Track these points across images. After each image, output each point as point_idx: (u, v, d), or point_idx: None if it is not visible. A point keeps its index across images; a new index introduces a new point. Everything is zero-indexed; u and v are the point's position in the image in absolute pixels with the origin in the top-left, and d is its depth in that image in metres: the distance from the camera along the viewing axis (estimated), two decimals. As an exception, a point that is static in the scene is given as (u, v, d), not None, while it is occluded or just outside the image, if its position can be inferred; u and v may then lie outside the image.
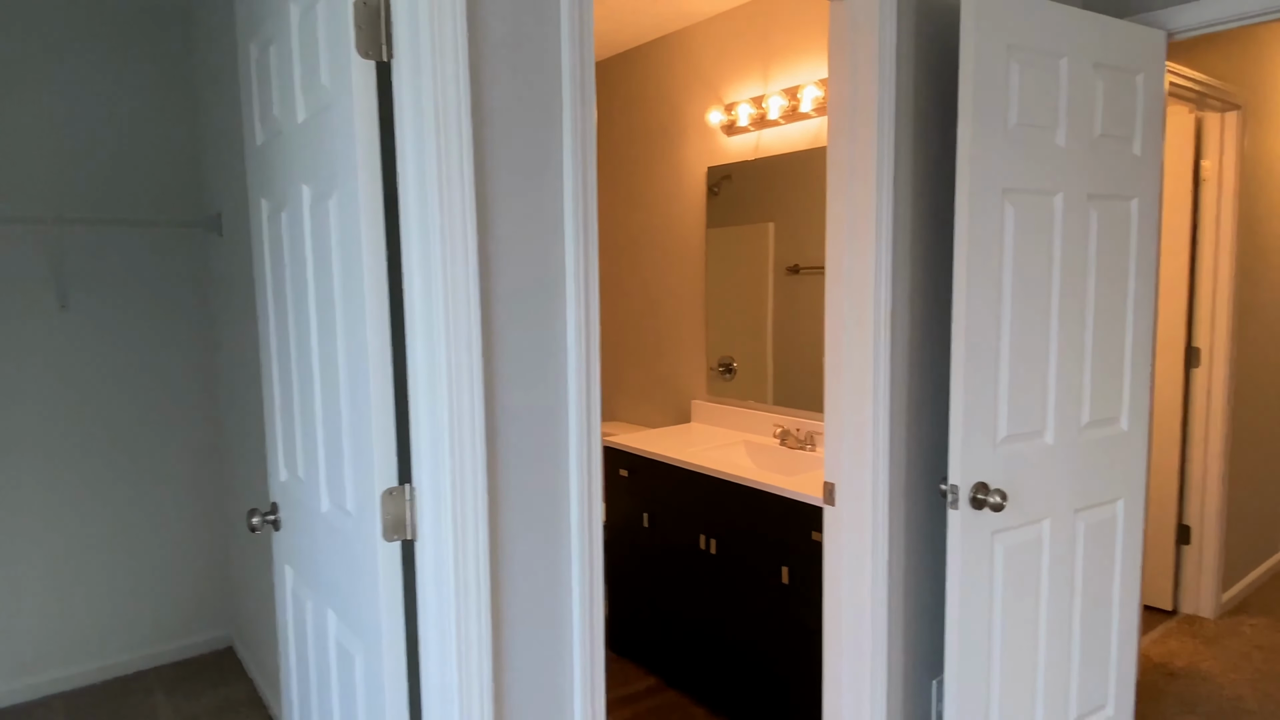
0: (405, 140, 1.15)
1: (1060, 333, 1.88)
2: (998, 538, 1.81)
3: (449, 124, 1.13)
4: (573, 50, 1.25)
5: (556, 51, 1.26)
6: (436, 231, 1.13)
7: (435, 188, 1.13)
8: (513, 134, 1.24)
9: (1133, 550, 2.11)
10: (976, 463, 1.75)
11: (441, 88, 1.12)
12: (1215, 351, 3.18)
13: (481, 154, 1.21)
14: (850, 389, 1.81)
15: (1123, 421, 2.06)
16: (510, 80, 1.23)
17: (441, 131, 1.13)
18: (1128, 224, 2.01)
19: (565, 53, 1.26)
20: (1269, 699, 2.58)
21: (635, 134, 3.41)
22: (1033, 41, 1.74)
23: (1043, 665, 1.94)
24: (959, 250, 1.69)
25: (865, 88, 1.74)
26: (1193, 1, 1.98)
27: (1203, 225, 3.17)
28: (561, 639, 1.33)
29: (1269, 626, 3.11)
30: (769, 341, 2.88)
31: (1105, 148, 1.92)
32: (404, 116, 1.15)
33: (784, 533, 2.22)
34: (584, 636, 1.32)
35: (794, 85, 2.71)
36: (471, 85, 1.19)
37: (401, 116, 1.15)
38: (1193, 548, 3.25)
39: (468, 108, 1.14)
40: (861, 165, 1.76)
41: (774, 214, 2.83)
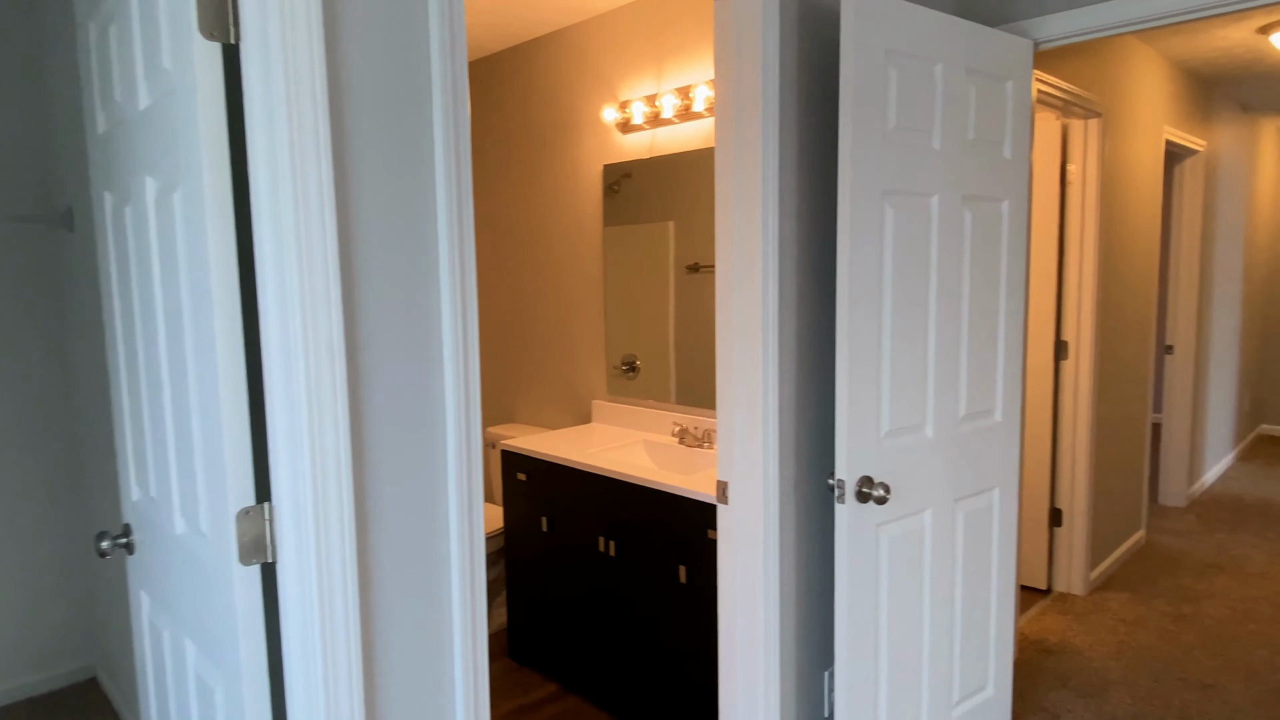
0: (255, 130, 1.06)
1: (938, 329, 1.94)
2: (882, 529, 1.86)
3: (304, 112, 1.05)
4: (442, 29, 1.19)
5: (424, 32, 1.19)
6: (292, 228, 1.05)
7: (290, 182, 1.04)
8: (377, 123, 1.17)
9: (1008, 536, 2.22)
10: (861, 457, 1.79)
11: (295, 73, 1.04)
12: (1081, 345, 3.39)
13: (342, 145, 1.13)
14: (741, 387, 1.82)
15: (997, 414, 2.16)
16: (373, 64, 1.16)
17: (296, 120, 1.05)
18: (999, 224, 2.10)
19: (434, 34, 1.19)
20: (1132, 669, 2.77)
21: (531, 130, 3.35)
22: (909, 47, 1.79)
23: (927, 652, 2.00)
24: (842, 250, 1.72)
25: (749, 89, 1.75)
26: (1057, 13, 2.08)
27: (1069, 226, 3.38)
28: (442, 662, 1.27)
29: (1131, 601, 3.35)
30: (670, 340, 2.88)
31: (978, 151, 2.00)
32: (254, 104, 1.06)
33: (681, 532, 2.21)
34: (466, 658, 1.27)
35: (687, 84, 2.71)
36: (329, 70, 1.11)
37: (251, 104, 1.06)
38: (1064, 530, 3.46)
39: (324, 94, 1.06)
40: (748, 166, 1.76)
41: (673, 213, 2.83)
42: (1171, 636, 3.01)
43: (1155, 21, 1.97)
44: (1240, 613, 3.21)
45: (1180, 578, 3.58)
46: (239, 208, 1.12)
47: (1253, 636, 3.00)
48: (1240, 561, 3.76)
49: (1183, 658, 2.84)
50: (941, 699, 2.06)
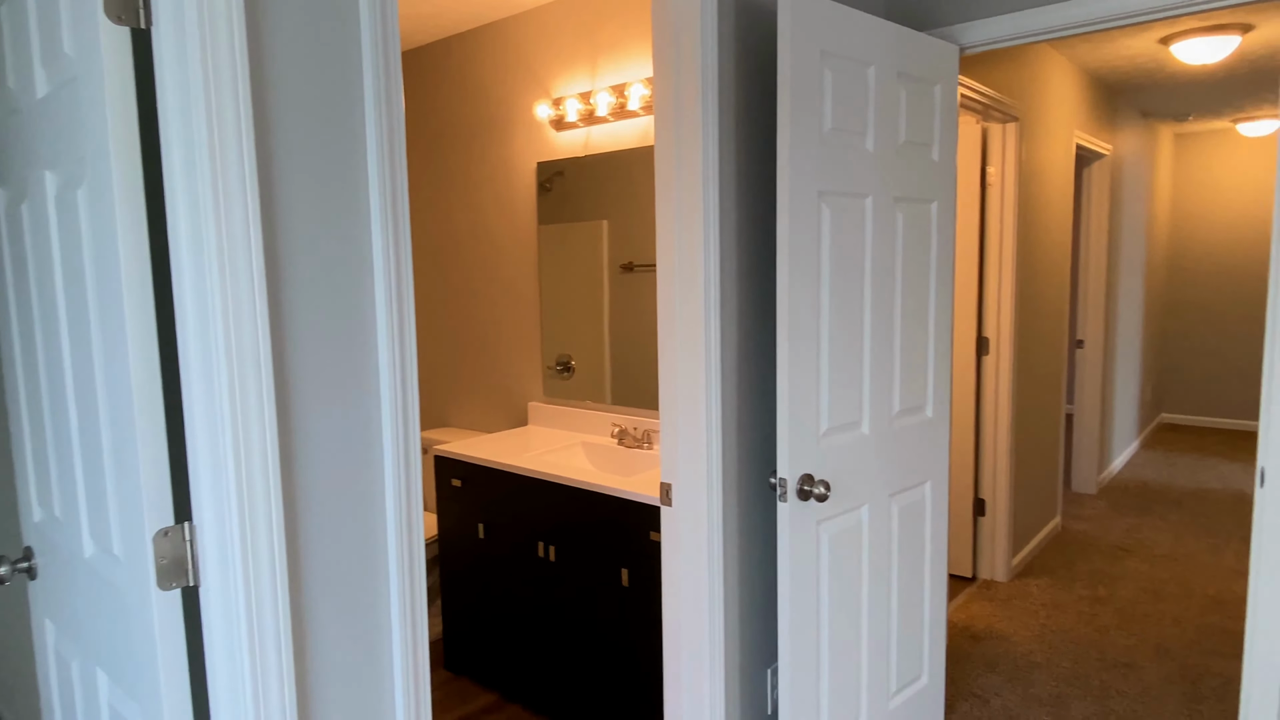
0: (170, 123, 0.98)
1: (873, 328, 1.98)
2: (823, 526, 1.88)
3: (224, 102, 0.98)
4: (374, 16, 1.13)
5: (355, 21, 1.14)
6: (212, 228, 0.98)
7: (209, 179, 0.97)
8: (305, 117, 1.10)
9: (939, 527, 2.28)
10: (802, 455, 1.80)
11: (214, 62, 0.97)
12: (1001, 341, 3.52)
13: (266, 136, 1.06)
14: (684, 388, 1.81)
15: (928, 409, 2.21)
16: (301, 56, 1.10)
17: (215, 112, 0.98)
18: (929, 225, 2.15)
19: (365, 20, 1.13)
20: (1054, 651, 2.89)
21: (462, 126, 3.27)
22: (844, 49, 1.82)
23: (866, 645, 2.04)
24: (781, 250, 1.73)
25: (689, 89, 1.74)
26: (981, 19, 2.15)
27: (989, 226, 3.50)
28: (382, 683, 1.21)
29: (1050, 586, 3.50)
30: (606, 340, 2.85)
31: (908, 153, 2.04)
32: (168, 96, 0.98)
33: (623, 535, 2.19)
34: (408, 678, 1.21)
35: (622, 82, 2.69)
36: (251, 61, 1.04)
37: (165, 95, 0.99)
38: (988, 519, 3.59)
39: (246, 83, 1.00)
40: (688, 166, 1.75)
41: (607, 211, 2.80)
42: (1089, 618, 3.16)
43: (1070, 30, 2.05)
44: (1150, 593, 3.39)
45: (1094, 561, 3.76)
46: (151, 205, 1.04)
47: (1163, 615, 3.17)
48: (1148, 544, 3.98)
49: (1100, 639, 2.98)
50: (880, 690, 2.10)
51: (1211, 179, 6.42)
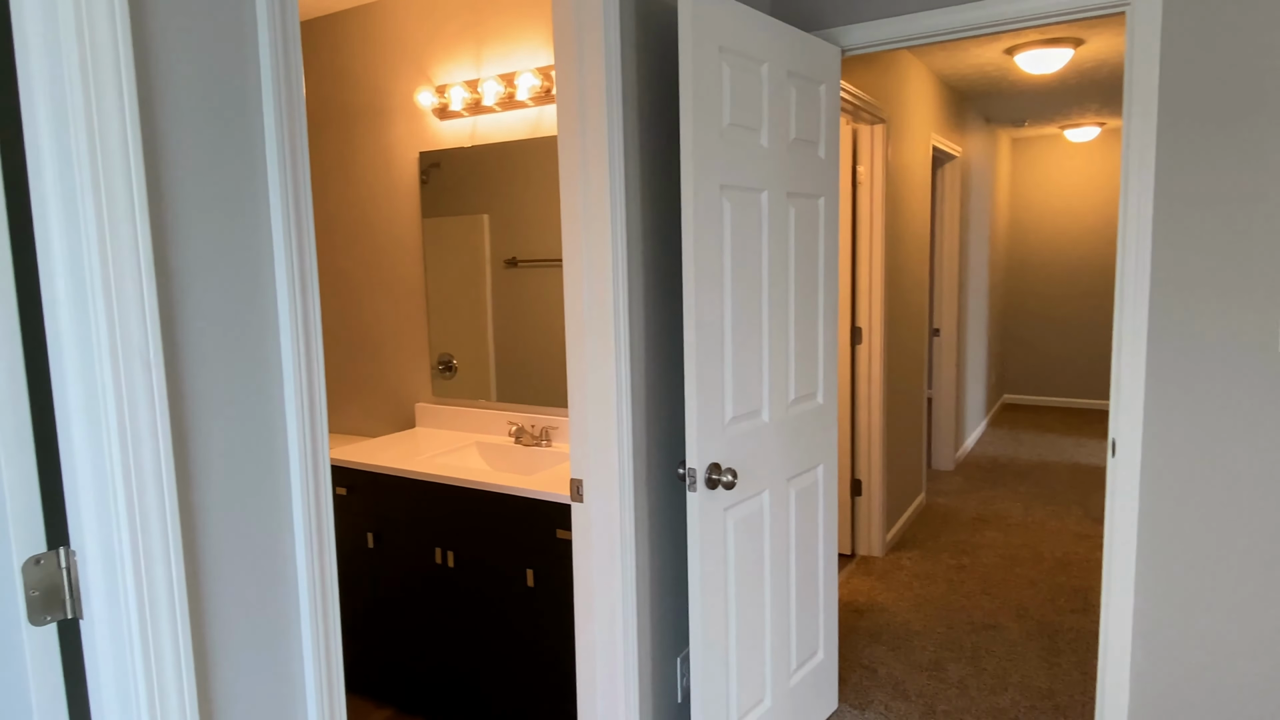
0: (32, 81, 0.86)
1: (771, 319, 2.04)
2: (729, 513, 1.92)
3: (102, 64, 0.87)
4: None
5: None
6: (91, 209, 0.86)
7: (86, 156, 0.86)
8: (193, 88, 1.00)
9: (831, 508, 2.38)
10: (710, 445, 1.83)
11: (89, 22, 0.86)
12: (873, 330, 3.73)
13: (151, 113, 0.95)
14: (595, 383, 1.79)
15: (819, 396, 2.31)
16: (187, 16, 0.99)
17: (90, 72, 0.86)
18: (817, 220, 2.24)
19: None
20: (929, 619, 3.10)
21: (339, 113, 3.08)
22: (740, 46, 1.85)
23: (769, 626, 2.10)
24: (687, 244, 1.75)
25: (593, 84, 1.72)
26: (860, 23, 2.25)
27: (860, 222, 3.70)
28: (294, 713, 1.13)
29: (920, 558, 3.75)
30: (490, 337, 2.78)
31: (798, 150, 2.11)
32: (31, 55, 0.86)
33: (527, 535, 2.15)
34: (322, 704, 1.13)
35: (510, 72, 2.62)
36: (134, 19, 0.93)
37: (27, 55, 0.86)
38: (864, 498, 3.80)
39: (128, 45, 0.89)
40: (594, 161, 1.74)
41: (488, 205, 2.73)
42: (956, 586, 3.41)
43: (936, 37, 2.18)
44: (1007, 559, 3.70)
45: (957, 533, 4.06)
46: (9, 177, 0.91)
47: (1019, 579, 3.47)
48: (1002, 514, 4.34)
49: (967, 604, 3.23)
50: (782, 668, 2.17)
51: (1044, 179, 7.08)
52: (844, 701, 2.52)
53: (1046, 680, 2.62)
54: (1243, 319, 1.84)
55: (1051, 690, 2.56)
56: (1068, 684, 2.59)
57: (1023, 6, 2.02)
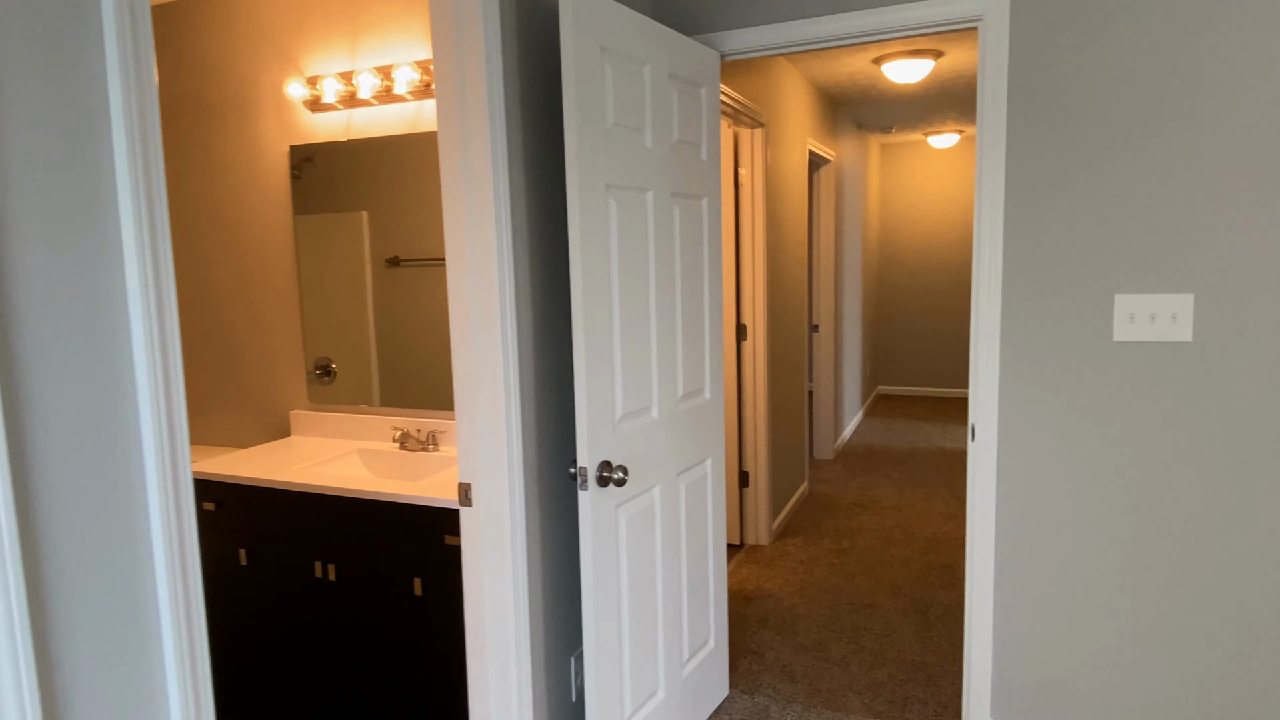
0: None
1: (658, 316, 2.07)
2: (621, 510, 1.94)
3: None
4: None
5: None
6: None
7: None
8: (24, 60, 0.91)
9: (719, 500, 2.45)
10: (600, 443, 1.84)
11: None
12: (757, 327, 3.86)
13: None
14: (482, 385, 1.76)
15: (706, 391, 2.36)
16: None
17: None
18: (702, 220, 2.29)
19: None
20: (813, 602, 3.24)
21: (199, 103, 2.88)
22: (622, 46, 1.87)
23: (661, 619, 2.14)
24: (574, 243, 1.75)
25: (474, 82, 1.69)
26: (738, 29, 2.32)
27: (743, 222, 3.81)
28: (155, 733, 1.05)
29: (804, 544, 3.91)
30: (372, 339, 2.69)
31: (681, 152, 2.16)
32: None
33: (414, 542, 2.09)
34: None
35: (387, 65, 2.54)
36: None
37: None
38: (751, 489, 3.92)
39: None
40: (477, 159, 1.71)
41: (367, 202, 2.64)
42: (837, 569, 3.57)
43: (808, 45, 2.28)
44: (883, 540, 3.92)
45: (837, 518, 4.26)
46: None
47: (894, 559, 3.68)
48: (878, 499, 4.58)
49: (848, 585, 3.39)
50: (674, 659, 2.21)
51: (911, 183, 7.53)
52: (734, 687, 2.59)
53: (919, 653, 2.79)
54: (1082, 311, 2.03)
55: (924, 662, 2.73)
56: (939, 655, 2.77)
57: (886, 19, 2.14)
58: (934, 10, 2.10)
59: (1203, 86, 1.87)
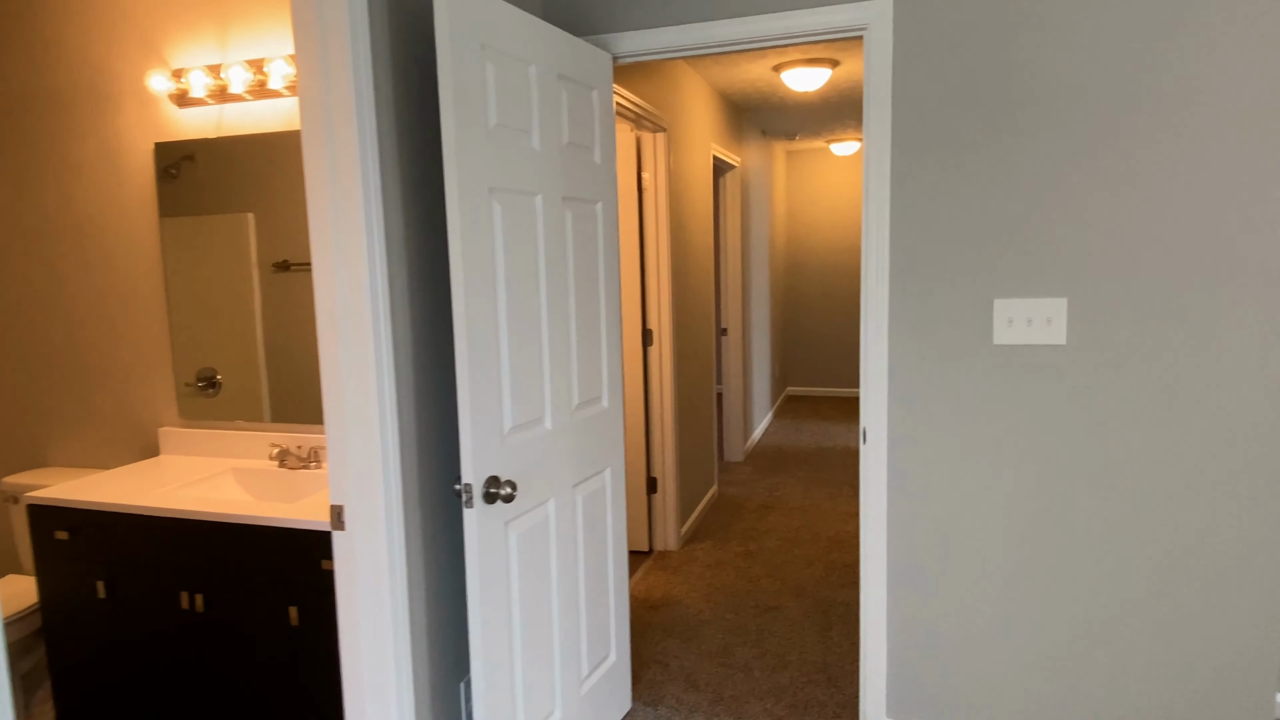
0: None
1: (550, 324, 2.00)
2: (511, 527, 1.86)
3: None
4: None
5: None
6: None
7: None
8: None
9: (619, 511, 2.40)
10: (487, 458, 1.76)
11: None
12: (663, 332, 3.84)
13: None
14: (353, 399, 1.66)
15: (604, 400, 2.31)
16: None
17: None
18: (596, 224, 2.24)
19: None
20: (719, 607, 3.23)
21: (46, 95, 2.64)
22: (505, 45, 1.80)
23: (558, 636, 2.07)
24: (454, 247, 1.66)
25: (339, 74, 1.58)
26: (630, 31, 2.28)
27: (647, 227, 3.78)
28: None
29: (713, 548, 3.91)
30: (260, 349, 2.52)
31: (573, 155, 2.10)
32: None
33: (289, 568, 1.96)
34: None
35: (260, 57, 2.38)
36: None
37: None
38: (659, 495, 3.90)
39: None
40: (344, 158, 1.60)
41: (254, 202, 2.47)
42: (744, 571, 3.59)
43: (700, 49, 2.27)
44: (789, 541, 3.96)
45: (746, 520, 4.29)
46: None
47: (799, 559, 3.72)
48: (785, 499, 4.64)
49: (753, 588, 3.40)
50: (572, 677, 2.15)
51: (814, 189, 7.70)
52: (637, 700, 2.55)
53: (821, 654, 2.82)
54: (965, 316, 2.08)
55: (826, 663, 2.75)
56: (839, 655, 2.81)
57: (776, 25, 2.15)
58: (821, 18, 2.11)
59: (1066, 94, 1.94)
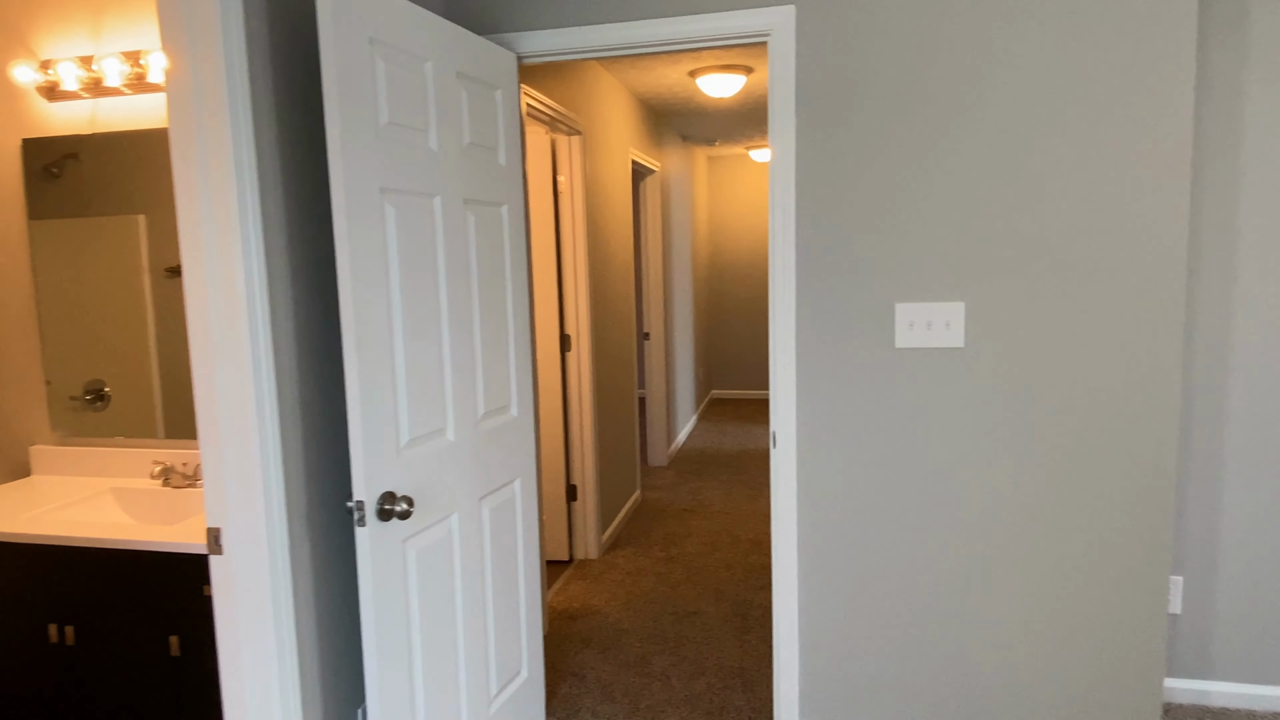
0: None
1: (452, 331, 1.93)
2: (409, 544, 1.78)
3: None
4: None
5: None
6: None
7: None
8: None
9: (530, 523, 2.34)
10: (382, 473, 1.67)
11: None
12: (581, 337, 3.79)
13: None
14: (229, 414, 1.55)
15: (513, 409, 2.25)
16: None
17: None
18: (501, 227, 2.18)
19: None
20: (638, 615, 3.20)
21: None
22: (396, 39, 1.72)
23: (463, 656, 1.99)
24: (341, 251, 1.58)
25: (208, 66, 1.48)
26: (535, 30, 2.23)
27: (563, 231, 3.73)
28: None
29: (634, 554, 3.88)
30: (153, 359, 2.35)
31: (475, 156, 2.03)
32: None
33: (168, 595, 1.82)
34: None
35: (137, 49, 2.23)
36: None
37: None
38: (579, 503, 3.84)
39: None
40: (216, 157, 1.50)
41: (146, 204, 2.31)
42: (664, 577, 3.57)
43: (608, 51, 2.23)
44: (710, 545, 3.96)
45: (668, 525, 4.28)
46: None
47: (719, 563, 3.72)
48: (707, 503, 4.65)
49: (673, 594, 3.39)
50: (480, 697, 2.08)
51: (735, 194, 7.79)
52: (551, 715, 2.49)
53: (738, 658, 2.82)
54: (869, 320, 2.10)
55: (742, 668, 2.75)
56: (756, 658, 2.81)
57: (681, 29, 2.13)
58: (727, 23, 2.11)
59: (957, 101, 1.99)
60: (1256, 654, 2.41)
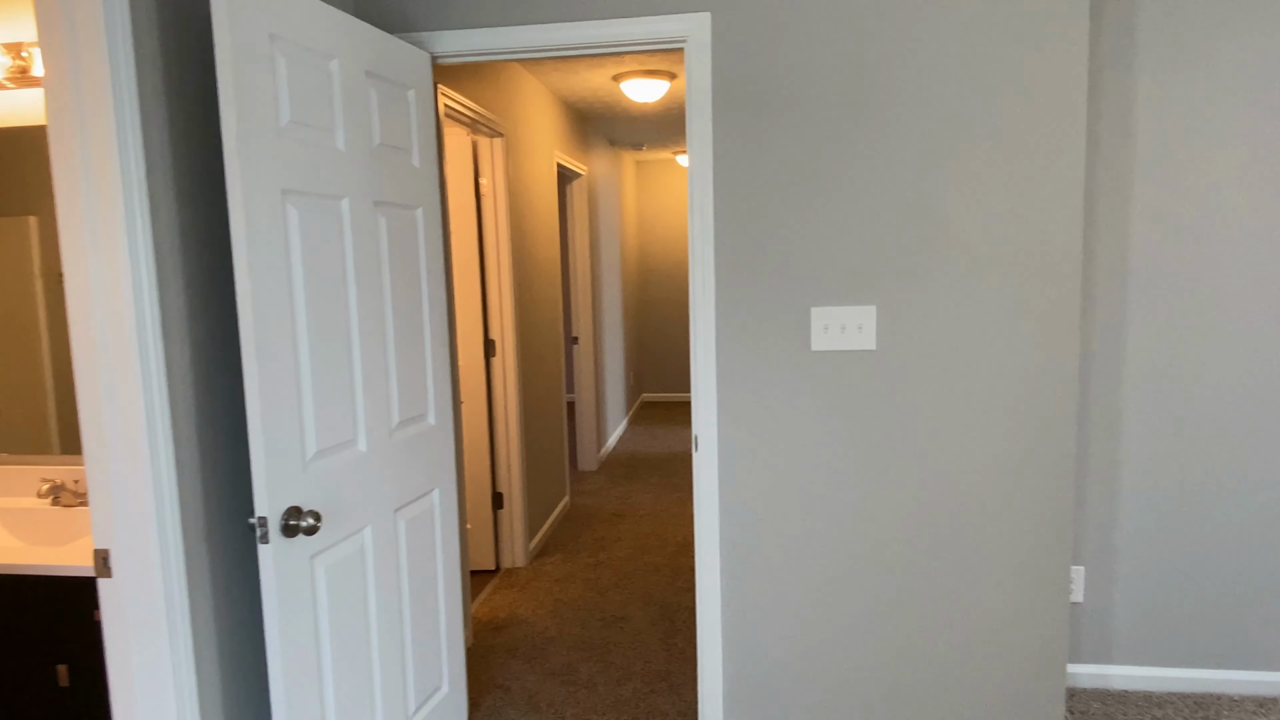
0: None
1: (363, 338, 1.87)
2: (318, 560, 1.71)
3: None
4: None
5: None
6: None
7: None
8: None
9: (451, 534, 2.28)
10: (286, 487, 1.61)
11: None
12: (505, 342, 3.74)
13: None
14: (117, 428, 1.46)
15: (430, 417, 2.19)
16: None
17: None
18: (416, 231, 2.12)
19: None
20: (565, 622, 3.17)
21: None
22: (299, 36, 1.66)
23: (378, 674, 1.93)
24: (239, 255, 1.51)
25: (91, 57, 1.39)
26: (449, 30, 2.19)
27: (486, 234, 3.67)
28: None
29: (562, 561, 3.85)
30: (47, 370, 2.20)
31: (386, 157, 1.98)
32: None
33: (55, 622, 1.71)
34: None
35: (19, 41, 2.09)
36: None
37: None
38: (505, 511, 3.78)
39: None
40: (99, 158, 1.41)
41: (38, 205, 2.16)
42: (592, 583, 3.54)
43: (525, 53, 2.20)
44: (638, 548, 3.96)
45: (596, 530, 4.25)
46: None
47: (647, 567, 3.72)
48: (636, 506, 4.65)
49: (601, 599, 3.37)
50: (397, 714, 2.02)
51: (663, 199, 7.83)
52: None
53: (665, 662, 2.82)
54: (786, 323, 2.13)
55: (669, 671, 2.75)
56: (682, 661, 2.82)
57: (597, 33, 2.12)
58: (643, 28, 2.11)
59: (864, 107, 2.04)
60: (1153, 639, 2.54)
